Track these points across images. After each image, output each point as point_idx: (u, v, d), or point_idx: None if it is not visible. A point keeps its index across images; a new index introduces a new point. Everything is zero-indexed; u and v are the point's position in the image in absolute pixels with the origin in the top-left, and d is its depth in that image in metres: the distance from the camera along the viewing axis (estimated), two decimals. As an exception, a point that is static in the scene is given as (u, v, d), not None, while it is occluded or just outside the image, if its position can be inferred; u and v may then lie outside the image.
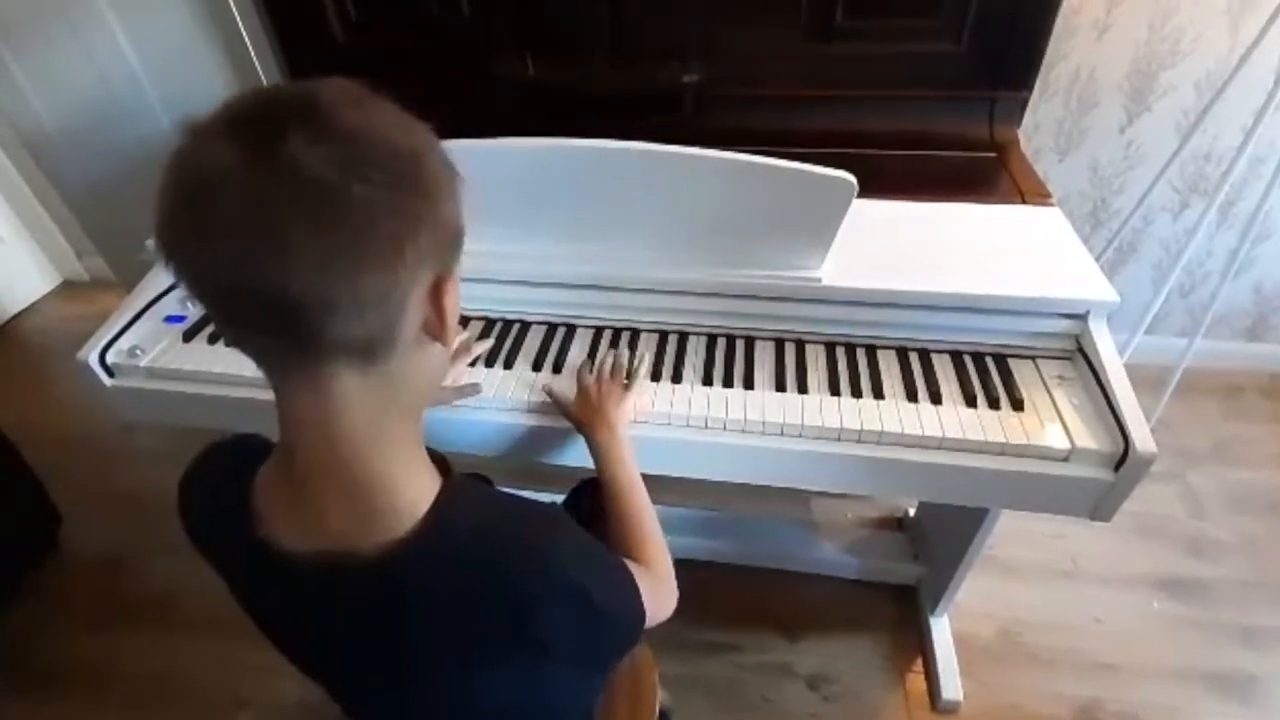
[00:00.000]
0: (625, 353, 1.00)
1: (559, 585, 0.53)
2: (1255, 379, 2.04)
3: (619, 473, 0.82)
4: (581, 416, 0.88)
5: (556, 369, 1.00)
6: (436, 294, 0.48)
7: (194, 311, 1.10)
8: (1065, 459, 0.87)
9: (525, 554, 0.52)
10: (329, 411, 0.48)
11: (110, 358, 1.03)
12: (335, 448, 0.49)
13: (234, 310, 0.45)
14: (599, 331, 1.06)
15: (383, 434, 0.50)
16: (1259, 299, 1.92)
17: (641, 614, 0.65)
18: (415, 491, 0.52)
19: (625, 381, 0.92)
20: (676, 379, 0.98)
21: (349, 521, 0.50)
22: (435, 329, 0.50)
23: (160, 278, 1.12)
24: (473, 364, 1.00)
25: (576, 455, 0.96)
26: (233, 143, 0.40)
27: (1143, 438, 0.83)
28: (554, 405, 0.93)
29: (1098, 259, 1.01)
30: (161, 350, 1.05)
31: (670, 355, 1.02)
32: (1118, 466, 0.85)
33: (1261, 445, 1.86)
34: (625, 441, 0.85)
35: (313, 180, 0.40)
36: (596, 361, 1.00)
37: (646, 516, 0.79)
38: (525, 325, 1.07)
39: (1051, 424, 0.89)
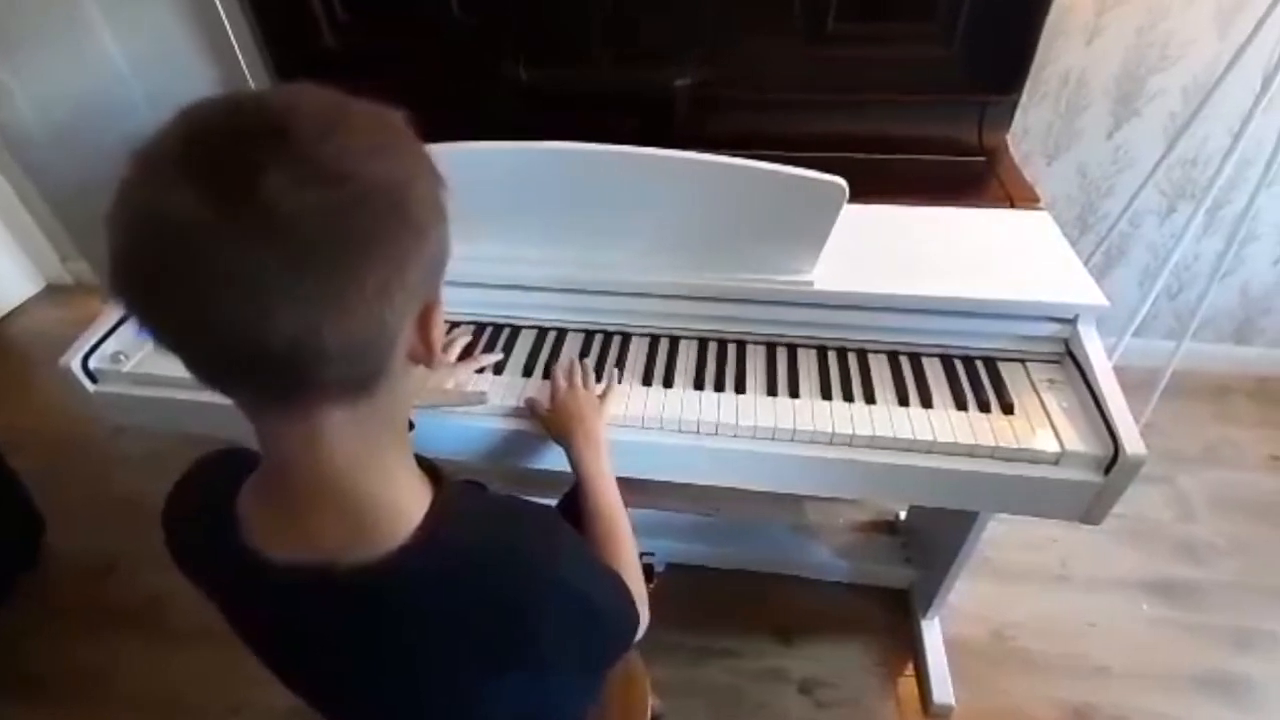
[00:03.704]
0: (589, 362, 0.97)
1: (557, 590, 0.52)
2: (1243, 382, 2.05)
3: (601, 487, 0.80)
4: (562, 427, 0.86)
5: (547, 374, 0.99)
6: (424, 323, 0.46)
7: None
8: (1055, 462, 0.87)
9: (522, 561, 0.52)
10: (317, 446, 0.46)
11: (93, 363, 1.02)
12: (323, 475, 0.47)
13: (207, 363, 0.41)
14: (590, 336, 1.05)
15: (371, 457, 0.49)
16: (1245, 301, 1.94)
17: (635, 615, 0.65)
18: (406, 505, 0.50)
19: (600, 391, 0.91)
20: (668, 383, 0.98)
21: (339, 537, 0.49)
22: (421, 356, 0.48)
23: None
24: (480, 371, 1.00)
25: (566, 461, 0.95)
26: (199, 185, 0.35)
27: (1132, 441, 0.83)
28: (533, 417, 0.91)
29: (1086, 262, 1.01)
30: (144, 356, 1.03)
31: (661, 359, 1.01)
32: (1107, 469, 0.85)
33: (1250, 448, 1.87)
34: (606, 453, 0.84)
35: (295, 231, 0.36)
36: (562, 369, 0.96)
37: (624, 533, 0.78)
38: (515, 330, 1.06)
39: (1041, 427, 0.89)
